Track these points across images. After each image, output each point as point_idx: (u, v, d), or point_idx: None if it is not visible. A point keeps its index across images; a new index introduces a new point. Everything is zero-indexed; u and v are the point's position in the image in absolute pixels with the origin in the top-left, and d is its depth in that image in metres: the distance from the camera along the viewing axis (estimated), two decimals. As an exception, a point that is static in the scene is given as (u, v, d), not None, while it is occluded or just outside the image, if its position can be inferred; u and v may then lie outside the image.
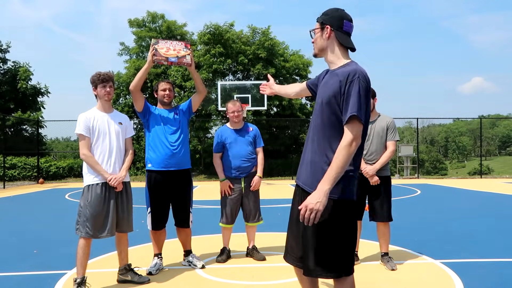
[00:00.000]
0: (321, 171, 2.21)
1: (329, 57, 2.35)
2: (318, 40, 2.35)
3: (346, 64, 2.28)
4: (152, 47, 3.93)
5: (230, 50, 22.47)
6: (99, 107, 3.77)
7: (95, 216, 3.53)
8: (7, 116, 22.29)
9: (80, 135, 3.61)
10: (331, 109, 2.22)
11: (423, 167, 41.13)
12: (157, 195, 4.19)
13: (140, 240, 5.46)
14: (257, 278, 3.95)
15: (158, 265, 4.22)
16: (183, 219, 4.30)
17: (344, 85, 2.17)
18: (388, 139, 4.35)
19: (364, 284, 3.79)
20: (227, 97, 16.07)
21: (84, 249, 3.57)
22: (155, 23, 24.71)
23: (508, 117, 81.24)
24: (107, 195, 3.61)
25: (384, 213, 4.31)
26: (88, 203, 3.55)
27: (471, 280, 3.82)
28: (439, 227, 6.61)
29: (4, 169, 18.04)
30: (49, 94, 26.19)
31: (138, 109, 4.23)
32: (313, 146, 2.31)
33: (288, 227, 2.46)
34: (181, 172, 4.24)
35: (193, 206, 4.46)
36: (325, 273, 2.23)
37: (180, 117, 4.31)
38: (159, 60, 3.95)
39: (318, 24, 2.36)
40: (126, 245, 3.87)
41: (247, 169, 4.58)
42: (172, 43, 4.00)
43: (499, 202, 10.10)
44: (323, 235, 2.20)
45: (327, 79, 2.33)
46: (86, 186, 3.62)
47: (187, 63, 4.02)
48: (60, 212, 8.95)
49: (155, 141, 4.20)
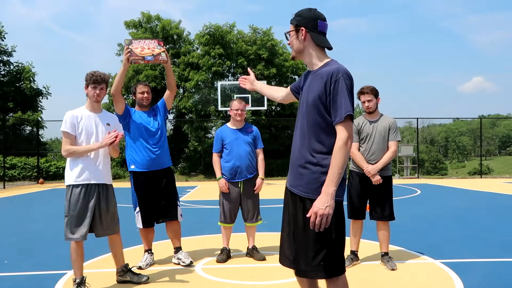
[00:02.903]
0: (310, 172, 2.22)
1: (307, 59, 2.33)
2: (295, 43, 2.32)
3: (326, 64, 2.27)
4: (126, 48, 3.92)
5: (230, 51, 22.48)
6: (87, 106, 3.70)
7: (74, 217, 3.48)
8: (7, 116, 22.29)
9: (65, 133, 3.52)
10: (317, 110, 2.22)
11: (423, 167, 41.10)
12: (144, 194, 4.28)
13: (136, 241, 5.45)
14: (257, 278, 3.95)
15: (149, 260, 4.35)
16: (170, 212, 4.37)
17: (329, 84, 2.17)
18: (390, 139, 4.36)
19: (364, 284, 3.79)
20: (226, 98, 16.08)
21: (77, 251, 3.52)
22: (150, 24, 24.69)
23: (508, 117, 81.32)
24: (86, 197, 3.52)
25: (386, 212, 4.32)
26: (68, 203, 3.51)
27: (471, 280, 3.82)
28: (439, 227, 6.61)
29: (4, 169, 18.05)
30: (49, 96, 26.20)
31: (118, 112, 4.26)
32: (301, 148, 2.29)
33: (281, 229, 2.46)
34: (163, 171, 4.37)
35: (194, 206, 4.48)
36: (317, 273, 2.23)
37: (158, 118, 4.42)
38: (136, 60, 3.94)
39: (292, 26, 2.32)
40: (120, 247, 3.83)
41: (245, 169, 4.57)
42: (145, 42, 4.00)
43: (499, 202, 10.10)
44: (315, 236, 2.19)
45: (311, 80, 2.30)
46: (67, 186, 3.57)
47: (163, 60, 4.02)
48: (60, 212, 8.91)
49: (136, 143, 4.29)
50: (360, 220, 4.42)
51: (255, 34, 23.49)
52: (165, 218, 4.38)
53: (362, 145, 4.41)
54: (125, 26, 24.66)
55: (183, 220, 4.53)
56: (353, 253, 4.43)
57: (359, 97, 4.40)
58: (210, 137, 23.73)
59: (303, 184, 2.24)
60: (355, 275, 4.03)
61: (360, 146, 4.42)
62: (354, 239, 4.46)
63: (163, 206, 4.35)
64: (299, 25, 2.28)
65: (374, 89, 4.35)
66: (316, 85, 2.23)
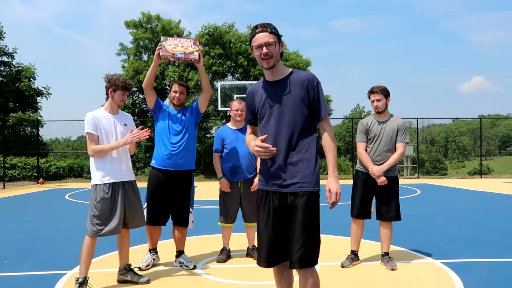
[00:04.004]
0: (304, 167, 2.42)
1: (279, 68, 2.54)
2: (277, 52, 2.50)
3: (293, 71, 2.53)
4: (160, 44, 3.99)
5: (230, 51, 22.47)
6: (106, 107, 3.79)
7: (101, 216, 3.58)
8: (7, 116, 22.29)
9: (89, 134, 3.63)
10: (301, 110, 2.45)
11: (423, 167, 41.12)
12: (155, 191, 4.26)
13: (140, 240, 5.46)
14: (257, 278, 3.95)
15: (149, 261, 4.30)
16: (181, 218, 4.33)
17: (313, 87, 2.47)
18: (398, 140, 4.31)
19: (364, 284, 3.79)
20: (226, 98, 16.08)
21: (89, 249, 3.60)
22: (150, 24, 24.69)
23: (508, 117, 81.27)
24: (113, 195, 3.65)
25: (392, 212, 4.31)
26: (96, 202, 3.59)
27: (471, 280, 3.82)
28: (439, 227, 6.61)
29: (4, 169, 18.05)
30: (49, 96, 26.20)
31: (150, 106, 4.35)
32: (288, 147, 2.44)
33: (262, 233, 2.51)
34: (180, 172, 4.28)
35: (194, 206, 4.47)
36: (312, 261, 2.40)
37: (187, 118, 4.36)
38: (166, 56, 3.97)
39: (275, 36, 2.49)
40: (127, 245, 3.90)
41: (245, 169, 4.57)
42: (180, 40, 4.04)
43: (499, 202, 10.10)
44: (311, 225, 2.40)
45: (281, 87, 2.49)
46: (93, 185, 3.66)
47: (195, 59, 4.04)
48: (60, 213, 8.95)
49: (158, 139, 4.32)
50: (362, 219, 4.41)
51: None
52: (176, 224, 4.36)
53: (369, 145, 4.38)
54: (125, 26, 24.69)
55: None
56: (353, 253, 4.43)
57: (369, 96, 4.36)
58: (210, 137, 23.74)
59: (299, 180, 2.41)
60: (355, 275, 4.03)
61: (367, 146, 4.40)
62: (355, 238, 4.43)
63: (175, 210, 4.31)
64: (279, 35, 2.51)
65: (385, 89, 4.31)
66: (294, 89, 2.46)
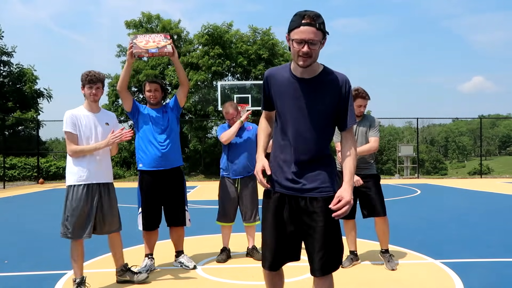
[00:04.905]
0: (325, 170, 2.31)
1: (314, 66, 2.18)
2: (318, 52, 2.12)
3: (325, 69, 2.22)
4: (131, 42, 3.88)
5: (229, 51, 22.47)
6: (85, 106, 3.69)
7: (75, 217, 3.49)
8: (7, 116, 22.28)
9: (68, 133, 3.53)
10: (328, 114, 2.24)
11: (423, 167, 41.06)
12: (148, 195, 4.19)
13: (137, 241, 5.45)
14: (257, 278, 3.95)
15: (148, 266, 4.21)
16: (178, 218, 4.28)
17: (345, 92, 2.21)
18: (370, 135, 4.32)
19: (364, 284, 3.79)
20: (226, 98, 16.08)
21: (78, 250, 3.53)
22: (150, 24, 24.69)
23: (508, 117, 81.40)
24: (89, 196, 3.54)
25: (379, 207, 4.28)
26: (69, 203, 3.52)
27: (471, 280, 3.82)
28: (439, 227, 6.61)
29: (4, 169, 18.05)
30: (51, 98, 26.19)
31: (126, 109, 4.23)
32: (308, 150, 2.24)
33: (271, 235, 2.32)
34: (172, 170, 4.25)
35: (193, 206, 4.46)
36: (335, 267, 2.28)
37: (168, 115, 4.30)
38: (139, 53, 3.85)
39: (321, 34, 2.07)
40: (120, 246, 3.84)
41: (243, 167, 4.58)
42: (151, 36, 3.95)
43: (499, 202, 10.10)
44: (333, 231, 2.27)
45: (312, 86, 2.18)
46: (68, 186, 3.57)
47: (169, 53, 3.91)
48: (60, 212, 8.92)
49: (144, 141, 4.20)
50: (351, 219, 4.39)
51: (255, 34, 23.47)
52: (173, 224, 4.31)
53: None
54: (126, 26, 24.69)
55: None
56: (353, 253, 4.42)
57: (356, 99, 4.31)
58: (210, 137, 23.75)
59: (319, 185, 2.28)
60: (355, 275, 4.03)
61: None
62: (349, 237, 4.43)
63: (170, 210, 4.26)
64: (325, 32, 2.08)
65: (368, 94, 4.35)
66: (325, 91, 2.19)
